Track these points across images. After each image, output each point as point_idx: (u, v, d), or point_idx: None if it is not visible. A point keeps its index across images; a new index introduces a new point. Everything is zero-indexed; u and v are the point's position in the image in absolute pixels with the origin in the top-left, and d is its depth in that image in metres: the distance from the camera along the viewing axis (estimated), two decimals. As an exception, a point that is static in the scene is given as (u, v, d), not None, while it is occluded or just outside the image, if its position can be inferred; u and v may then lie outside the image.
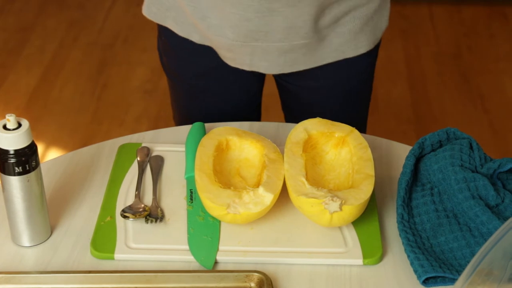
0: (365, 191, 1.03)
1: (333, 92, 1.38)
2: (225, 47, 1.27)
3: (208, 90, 1.39)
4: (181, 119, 1.45)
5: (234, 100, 1.41)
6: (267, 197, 1.03)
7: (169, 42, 1.36)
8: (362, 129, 1.46)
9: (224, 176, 1.10)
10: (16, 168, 0.97)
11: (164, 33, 1.36)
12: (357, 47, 1.30)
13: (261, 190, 1.03)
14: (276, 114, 1.58)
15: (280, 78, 1.40)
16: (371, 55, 1.35)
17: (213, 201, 1.02)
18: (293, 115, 1.45)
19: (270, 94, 1.58)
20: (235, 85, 1.38)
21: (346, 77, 1.36)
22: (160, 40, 1.41)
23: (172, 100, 1.48)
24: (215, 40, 1.27)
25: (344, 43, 1.29)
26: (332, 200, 1.00)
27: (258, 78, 1.40)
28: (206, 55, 1.32)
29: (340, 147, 1.13)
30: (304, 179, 1.04)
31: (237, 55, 1.28)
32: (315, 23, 1.23)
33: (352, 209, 1.01)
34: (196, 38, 1.31)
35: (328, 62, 1.30)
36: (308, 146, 1.12)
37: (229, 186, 1.06)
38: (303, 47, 1.26)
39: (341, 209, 1.00)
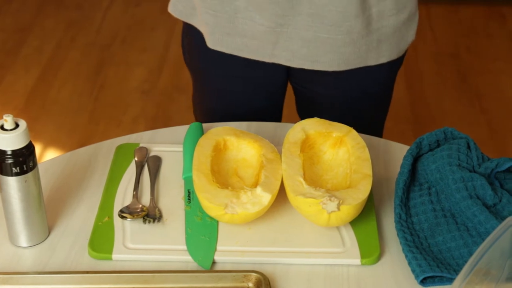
0: (363, 191, 1.03)
1: (350, 99, 1.37)
2: (250, 34, 1.27)
3: (231, 89, 1.39)
4: (202, 116, 1.46)
5: (256, 100, 1.41)
6: (265, 197, 1.03)
7: (194, 40, 1.36)
8: (378, 135, 1.45)
9: (222, 176, 1.10)
10: (14, 169, 0.97)
11: (189, 31, 1.36)
12: (379, 56, 1.30)
13: (259, 190, 1.03)
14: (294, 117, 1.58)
15: (298, 84, 1.40)
16: (393, 66, 1.35)
17: (211, 201, 1.02)
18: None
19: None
20: (258, 84, 1.38)
21: (364, 85, 1.35)
22: (185, 38, 1.41)
23: (194, 96, 1.49)
24: (240, 26, 1.26)
25: (368, 50, 1.28)
26: (330, 200, 1.00)
27: (280, 79, 1.39)
28: (225, 57, 1.31)
29: (338, 147, 1.13)
30: (301, 179, 1.04)
31: (261, 43, 1.27)
32: (342, 18, 1.23)
33: (349, 209, 1.01)
34: None
35: (349, 68, 1.29)
36: (306, 146, 1.12)
37: (226, 186, 1.06)
38: (326, 43, 1.25)
39: (339, 209, 1.00)
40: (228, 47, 1.30)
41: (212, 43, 1.30)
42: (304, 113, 1.46)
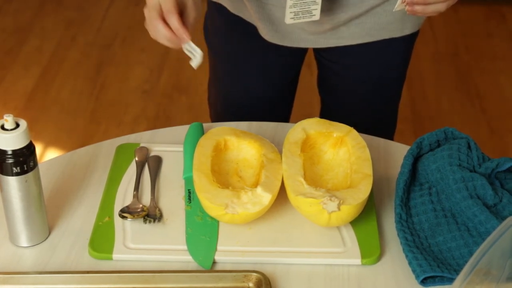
0: (363, 190, 1.03)
1: (373, 71, 1.40)
2: (276, 21, 1.29)
3: (249, 70, 1.41)
4: (219, 104, 1.48)
5: (273, 83, 1.44)
6: (265, 197, 1.03)
7: (218, 19, 1.38)
8: (393, 117, 1.51)
9: (222, 176, 1.10)
10: (14, 169, 0.97)
11: (215, 11, 1.39)
12: (403, 28, 1.33)
13: (259, 190, 1.03)
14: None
15: (322, 56, 1.42)
16: (412, 39, 1.38)
17: (212, 201, 1.02)
18: (332, 95, 1.48)
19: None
20: (275, 67, 1.41)
21: (390, 56, 1.38)
22: (209, 19, 1.44)
23: (211, 83, 1.51)
24: (266, 12, 1.28)
25: (392, 22, 1.30)
26: (330, 200, 1.00)
27: (297, 62, 1.44)
28: (252, 34, 1.34)
29: (338, 147, 1.13)
30: (302, 179, 1.04)
31: (286, 28, 1.29)
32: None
33: (350, 209, 1.01)
34: (246, 16, 1.33)
35: (375, 40, 1.32)
36: (307, 146, 1.12)
37: (227, 186, 1.06)
38: (347, 19, 1.28)
39: (339, 209, 1.00)
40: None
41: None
42: (325, 90, 1.49)
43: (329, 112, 1.49)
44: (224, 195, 1.03)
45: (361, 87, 1.41)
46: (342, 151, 1.12)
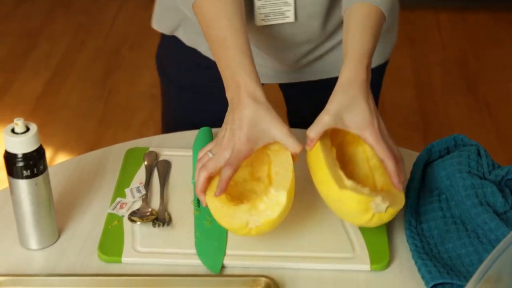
0: (400, 196, 1.01)
1: None
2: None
3: (216, 96, 1.39)
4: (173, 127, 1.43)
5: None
6: (280, 196, 0.98)
7: (175, 50, 1.36)
8: None
9: (241, 185, 1.07)
10: (24, 172, 0.97)
11: (171, 42, 1.36)
12: None
13: (272, 191, 0.99)
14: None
15: (286, 89, 1.41)
16: (379, 71, 1.35)
17: (232, 223, 0.99)
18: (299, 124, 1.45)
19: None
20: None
21: None
22: (162, 50, 1.40)
23: (165, 111, 1.46)
24: None
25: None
26: (382, 201, 0.98)
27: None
28: (209, 67, 1.29)
29: (356, 145, 1.10)
30: (341, 173, 1.00)
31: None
32: (323, 30, 1.24)
33: (393, 212, 0.99)
34: (202, 50, 1.31)
35: (332, 76, 1.29)
36: (333, 135, 1.08)
37: (241, 199, 1.03)
38: (311, 59, 1.27)
39: (386, 211, 0.99)
40: None
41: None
42: (294, 116, 1.47)
43: None
44: (241, 212, 0.99)
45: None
46: (359, 149, 1.10)
